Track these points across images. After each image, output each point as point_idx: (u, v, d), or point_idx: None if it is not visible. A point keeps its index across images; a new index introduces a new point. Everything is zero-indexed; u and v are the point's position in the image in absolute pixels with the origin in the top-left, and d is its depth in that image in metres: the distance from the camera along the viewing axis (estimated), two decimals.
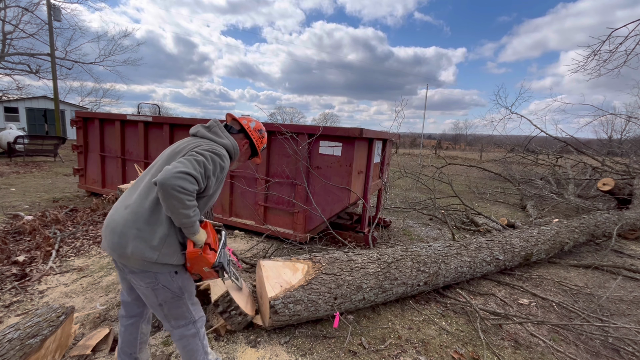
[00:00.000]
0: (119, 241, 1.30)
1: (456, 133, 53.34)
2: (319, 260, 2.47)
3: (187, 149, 1.42)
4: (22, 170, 8.84)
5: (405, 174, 6.59)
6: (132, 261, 1.32)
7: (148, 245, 1.30)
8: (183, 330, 1.50)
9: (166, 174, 1.20)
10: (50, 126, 21.49)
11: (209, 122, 1.65)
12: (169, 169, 1.23)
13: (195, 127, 1.60)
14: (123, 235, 1.30)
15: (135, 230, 1.30)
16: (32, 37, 15.97)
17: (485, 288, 3.14)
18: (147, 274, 1.35)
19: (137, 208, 1.33)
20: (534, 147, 9.23)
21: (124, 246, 1.30)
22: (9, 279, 2.76)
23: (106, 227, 1.37)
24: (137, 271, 1.34)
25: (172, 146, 1.55)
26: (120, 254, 1.32)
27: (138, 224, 1.31)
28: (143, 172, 1.54)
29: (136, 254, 1.29)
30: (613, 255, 4.31)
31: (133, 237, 1.30)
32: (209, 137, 1.54)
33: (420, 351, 2.16)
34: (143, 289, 1.39)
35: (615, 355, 2.22)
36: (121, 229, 1.31)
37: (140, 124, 5.07)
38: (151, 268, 1.33)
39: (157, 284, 1.36)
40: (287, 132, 3.82)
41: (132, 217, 1.32)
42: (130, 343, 1.61)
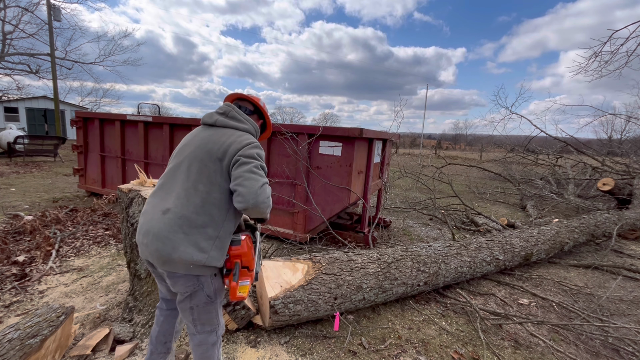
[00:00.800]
0: (164, 247, 1.27)
1: (456, 133, 53.37)
2: (319, 260, 2.47)
3: (230, 154, 1.34)
4: (22, 170, 8.84)
5: (405, 174, 6.59)
6: (177, 266, 1.29)
7: (197, 249, 1.28)
8: (206, 336, 1.48)
9: (250, 195, 1.25)
10: (50, 126, 21.48)
11: (222, 107, 1.53)
12: (249, 191, 1.25)
13: (211, 116, 1.49)
14: (168, 240, 1.27)
15: (182, 234, 1.27)
16: (32, 37, 15.97)
17: (485, 288, 3.14)
18: (190, 277, 1.33)
19: (180, 212, 1.30)
20: (534, 147, 9.23)
21: (169, 252, 1.27)
22: (9, 279, 2.76)
23: (145, 234, 1.32)
24: (181, 275, 1.32)
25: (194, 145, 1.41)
26: (165, 260, 1.28)
27: (184, 228, 1.28)
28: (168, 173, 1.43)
29: (185, 258, 1.26)
30: (613, 255, 4.31)
31: (180, 241, 1.27)
32: (231, 126, 1.46)
33: (420, 351, 2.16)
34: (181, 293, 1.37)
35: (615, 355, 2.22)
36: (166, 235, 1.27)
37: (140, 124, 5.07)
38: (196, 271, 1.31)
39: (198, 287, 1.35)
40: (287, 132, 3.82)
41: (177, 221, 1.29)
42: (167, 332, 1.62)
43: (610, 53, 6.22)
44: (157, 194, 1.41)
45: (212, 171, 1.34)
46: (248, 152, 1.35)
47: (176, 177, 1.39)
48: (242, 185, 1.27)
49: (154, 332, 1.63)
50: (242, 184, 1.27)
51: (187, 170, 1.36)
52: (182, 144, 1.50)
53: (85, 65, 17.72)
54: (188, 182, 1.34)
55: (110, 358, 1.91)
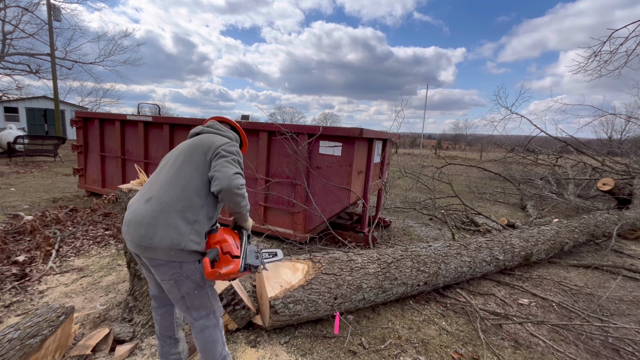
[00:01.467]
0: (146, 233, 1.32)
1: (456, 133, 53.36)
2: (319, 260, 2.47)
3: (213, 148, 1.49)
4: (22, 170, 8.84)
5: (405, 174, 6.59)
6: (158, 252, 1.33)
7: (176, 232, 1.33)
8: (205, 321, 1.52)
9: (225, 179, 1.37)
10: (50, 126, 21.48)
11: (206, 122, 1.73)
12: (224, 175, 1.38)
13: (197, 128, 1.68)
14: (150, 226, 1.33)
15: (162, 219, 1.34)
16: (32, 37, 15.95)
17: (485, 288, 3.14)
18: (172, 265, 1.37)
19: (161, 198, 1.38)
20: (534, 147, 9.23)
21: (151, 236, 1.32)
22: (9, 279, 2.76)
23: (129, 223, 1.38)
24: (163, 262, 1.36)
25: (182, 147, 1.57)
26: (147, 246, 1.33)
27: (165, 213, 1.35)
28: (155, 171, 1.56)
29: (165, 241, 1.31)
30: (613, 255, 4.31)
31: (161, 225, 1.33)
32: (215, 132, 1.64)
33: (420, 351, 2.16)
34: (166, 282, 1.41)
35: (615, 355, 2.22)
36: (148, 220, 1.34)
37: (140, 124, 5.07)
38: (177, 257, 1.35)
39: (180, 275, 1.39)
40: (287, 132, 3.82)
41: (158, 207, 1.36)
42: (168, 327, 1.68)
43: (609, 53, 6.22)
44: (142, 189, 1.51)
45: (196, 162, 1.47)
46: (228, 148, 1.50)
47: (161, 172, 1.52)
48: (218, 170, 1.41)
49: (157, 330, 1.68)
50: (218, 170, 1.41)
51: (173, 163, 1.50)
52: (171, 152, 1.63)
53: (85, 65, 17.71)
54: (171, 172, 1.47)
55: (110, 358, 1.91)
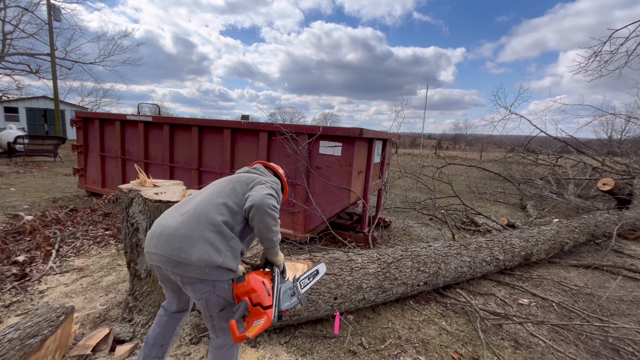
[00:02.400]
0: (180, 246, 1.27)
1: (456, 133, 53.36)
2: (319, 260, 2.47)
3: (255, 182, 1.53)
4: (22, 170, 8.84)
5: (405, 174, 6.59)
6: (192, 269, 1.27)
7: (213, 248, 1.29)
8: (224, 339, 1.46)
9: (257, 197, 1.37)
10: (50, 126, 21.48)
11: (253, 165, 1.80)
12: (257, 194, 1.38)
13: (243, 169, 1.74)
14: (185, 238, 1.28)
15: (198, 231, 1.30)
16: (32, 37, 15.97)
17: (485, 288, 3.14)
18: (206, 283, 1.31)
19: (198, 211, 1.36)
20: (534, 147, 9.23)
21: (186, 250, 1.26)
22: (9, 279, 2.76)
23: (159, 236, 1.32)
24: (196, 281, 1.30)
25: (225, 179, 1.61)
26: (180, 260, 1.26)
27: (201, 225, 1.31)
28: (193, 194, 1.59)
29: (202, 258, 1.26)
30: (613, 255, 4.31)
31: (197, 238, 1.28)
32: (259, 174, 1.66)
33: (420, 351, 2.16)
34: (199, 300, 1.36)
35: (615, 355, 2.22)
36: (183, 232, 1.29)
37: (140, 124, 5.07)
38: (211, 275, 1.29)
39: (213, 293, 1.33)
40: (287, 132, 3.82)
41: (194, 218, 1.33)
42: (167, 334, 1.62)
43: (610, 53, 6.22)
44: (176, 206, 1.50)
45: (238, 190, 1.49)
46: (271, 184, 1.55)
47: (201, 192, 1.55)
48: (253, 190, 1.45)
49: (153, 333, 1.60)
50: (254, 190, 1.45)
51: (215, 186, 1.54)
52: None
53: (85, 65, 17.74)
54: (214, 192, 1.48)
55: (110, 358, 1.91)
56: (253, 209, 1.35)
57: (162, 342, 1.60)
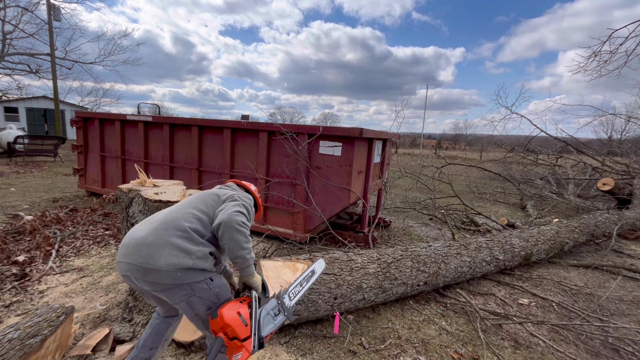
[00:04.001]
0: (149, 252, 1.26)
1: (456, 133, 53.37)
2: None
3: (227, 196, 1.53)
4: (22, 170, 8.83)
5: (405, 174, 6.59)
6: (162, 275, 1.25)
7: (182, 251, 1.28)
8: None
9: (225, 214, 1.35)
10: (50, 126, 21.48)
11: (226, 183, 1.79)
12: (225, 211, 1.37)
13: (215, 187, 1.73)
14: (153, 245, 1.27)
15: (165, 238, 1.29)
16: (32, 37, 15.98)
17: (485, 288, 3.14)
18: (181, 287, 1.29)
19: (166, 218, 1.38)
20: (534, 147, 9.23)
21: (155, 257, 1.25)
22: (9, 279, 2.76)
23: (128, 245, 1.31)
24: (169, 287, 1.28)
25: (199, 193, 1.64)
26: (149, 267, 1.25)
27: (169, 232, 1.31)
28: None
29: (170, 262, 1.25)
30: (613, 255, 4.31)
31: (165, 244, 1.27)
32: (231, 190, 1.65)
33: (420, 351, 2.16)
34: (178, 303, 1.34)
35: (615, 355, 2.22)
36: (152, 240, 1.29)
37: (140, 124, 5.07)
38: (185, 278, 1.28)
39: (192, 295, 1.32)
40: (287, 132, 3.82)
41: (162, 225, 1.34)
42: (157, 337, 1.61)
43: (609, 52, 6.22)
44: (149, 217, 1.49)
45: (209, 201, 1.51)
46: (243, 198, 1.54)
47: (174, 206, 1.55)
48: (222, 209, 1.43)
49: (144, 335, 1.60)
50: (222, 208, 1.43)
51: (187, 199, 1.57)
52: None
53: (85, 65, 17.75)
54: (184, 203, 1.51)
55: (110, 358, 1.91)
56: (222, 226, 1.33)
57: (152, 345, 1.59)
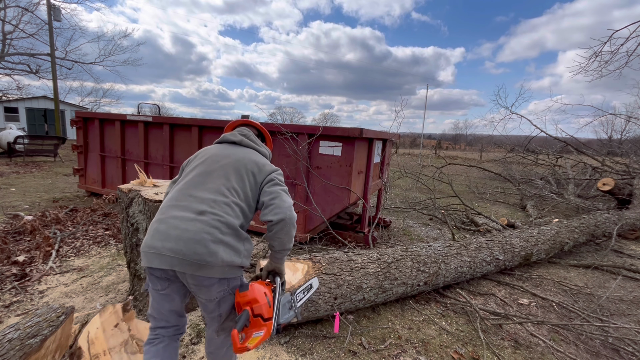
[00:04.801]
0: (206, 250, 1.21)
1: (456, 133, 53.37)
2: (319, 260, 2.47)
3: (264, 172, 1.46)
4: (22, 170, 8.83)
5: (405, 174, 6.59)
6: (215, 270, 1.24)
7: (234, 250, 1.29)
8: (226, 339, 1.45)
9: (287, 209, 1.34)
10: (50, 126, 21.48)
11: (241, 130, 1.65)
12: (285, 205, 1.35)
13: (234, 135, 1.61)
14: (210, 243, 1.22)
15: (221, 235, 1.26)
16: (32, 37, 15.98)
17: (485, 288, 3.14)
18: (222, 282, 1.29)
19: (219, 213, 1.30)
20: (534, 147, 9.23)
21: (212, 254, 1.21)
22: (9, 279, 2.76)
23: (177, 238, 1.22)
24: (215, 281, 1.27)
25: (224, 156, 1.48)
26: (202, 264, 1.21)
27: (223, 229, 1.28)
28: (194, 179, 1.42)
29: (225, 259, 1.24)
30: (613, 255, 4.31)
31: (220, 242, 1.25)
32: (253, 147, 1.60)
33: (420, 351, 2.16)
34: (210, 301, 1.32)
35: (615, 355, 2.22)
36: (206, 237, 1.23)
37: (141, 124, 5.07)
38: (229, 273, 1.29)
39: (226, 292, 1.33)
40: (287, 132, 3.82)
41: (216, 223, 1.27)
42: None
43: (610, 53, 6.22)
44: (183, 200, 1.34)
45: (248, 182, 1.42)
46: (278, 176, 1.49)
47: (208, 183, 1.38)
48: (279, 199, 1.37)
49: None
50: (279, 198, 1.37)
51: (224, 178, 1.40)
52: (209, 155, 1.50)
53: (85, 65, 17.75)
54: (225, 188, 1.37)
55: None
56: (281, 223, 1.31)
57: None
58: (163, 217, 1.31)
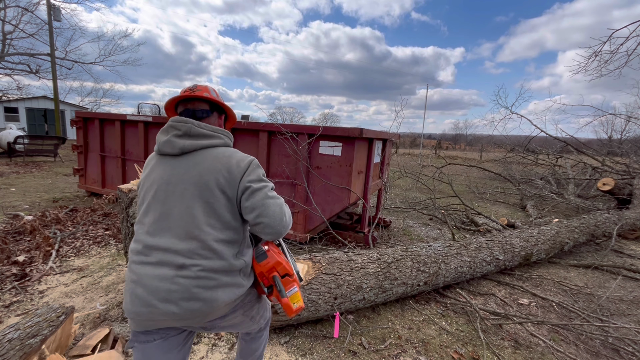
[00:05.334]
0: (202, 303, 1.08)
1: (456, 133, 53.38)
2: (319, 260, 2.47)
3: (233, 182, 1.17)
4: (22, 170, 8.84)
5: (405, 174, 6.60)
6: (220, 311, 1.15)
7: (234, 287, 1.16)
8: (265, 331, 1.48)
9: (279, 224, 1.16)
10: (50, 126, 21.49)
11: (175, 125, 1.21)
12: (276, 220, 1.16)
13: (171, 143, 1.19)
14: (204, 293, 1.09)
15: (213, 282, 1.11)
16: (32, 37, 15.97)
17: (485, 288, 3.14)
18: (236, 307, 1.23)
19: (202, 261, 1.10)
20: (534, 147, 9.23)
21: (211, 301, 1.09)
22: (9, 279, 2.76)
23: (165, 300, 1.05)
24: (225, 315, 1.21)
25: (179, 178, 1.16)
26: (207, 314, 1.11)
27: (212, 275, 1.11)
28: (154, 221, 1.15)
29: (229, 300, 1.14)
30: (613, 255, 4.31)
31: (215, 287, 1.11)
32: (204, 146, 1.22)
33: (420, 351, 2.16)
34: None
35: (615, 355, 2.22)
36: (198, 291, 1.08)
37: (141, 124, 5.07)
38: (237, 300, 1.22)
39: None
40: (287, 132, 3.82)
41: (201, 272, 1.09)
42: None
43: (610, 52, 6.22)
44: (152, 253, 1.11)
45: (219, 206, 1.15)
46: (254, 175, 1.20)
47: (173, 228, 1.12)
48: (265, 216, 1.14)
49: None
50: (265, 215, 1.14)
51: (187, 215, 1.13)
52: (156, 183, 1.18)
53: (85, 65, 17.75)
54: (196, 228, 1.11)
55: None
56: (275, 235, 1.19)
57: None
58: (137, 278, 1.09)
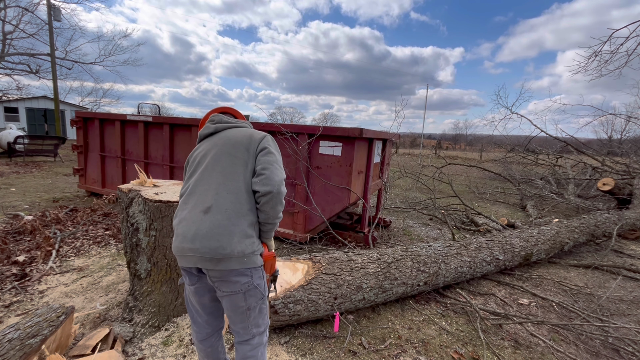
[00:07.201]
0: (219, 244, 1.25)
1: (456, 133, 53.35)
2: (319, 260, 2.47)
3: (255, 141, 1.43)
4: (22, 170, 8.83)
5: (405, 174, 6.59)
6: (233, 261, 1.27)
7: (246, 237, 1.30)
8: (260, 338, 1.45)
9: (277, 182, 1.32)
10: (50, 126, 21.48)
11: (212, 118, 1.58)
12: (276, 176, 1.32)
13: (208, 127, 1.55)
14: (222, 236, 1.26)
15: (231, 226, 1.27)
16: (32, 37, 15.98)
17: (485, 288, 3.14)
18: (245, 272, 1.31)
19: (223, 205, 1.30)
20: (534, 147, 9.23)
21: (225, 246, 1.25)
22: (9, 279, 2.76)
23: (193, 238, 1.27)
24: (237, 272, 1.29)
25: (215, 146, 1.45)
26: (220, 258, 1.26)
27: (232, 220, 1.28)
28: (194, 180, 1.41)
29: (242, 249, 1.27)
30: (613, 255, 4.31)
31: (233, 233, 1.27)
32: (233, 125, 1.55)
33: (420, 351, 2.16)
34: (235, 294, 1.33)
35: (615, 355, 2.22)
36: (217, 230, 1.26)
37: (141, 124, 5.07)
38: (250, 263, 1.31)
39: (251, 284, 1.33)
40: (287, 132, 3.82)
41: (223, 215, 1.28)
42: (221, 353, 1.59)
43: (610, 52, 6.22)
44: (190, 200, 1.37)
45: (242, 160, 1.38)
46: (272, 143, 1.46)
47: (206, 178, 1.38)
48: (269, 169, 1.34)
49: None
50: (270, 170, 1.34)
51: (218, 166, 1.39)
52: (199, 155, 1.47)
53: (85, 65, 17.76)
54: (223, 176, 1.36)
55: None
56: (269, 195, 1.30)
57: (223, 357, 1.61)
58: (178, 218, 1.37)
